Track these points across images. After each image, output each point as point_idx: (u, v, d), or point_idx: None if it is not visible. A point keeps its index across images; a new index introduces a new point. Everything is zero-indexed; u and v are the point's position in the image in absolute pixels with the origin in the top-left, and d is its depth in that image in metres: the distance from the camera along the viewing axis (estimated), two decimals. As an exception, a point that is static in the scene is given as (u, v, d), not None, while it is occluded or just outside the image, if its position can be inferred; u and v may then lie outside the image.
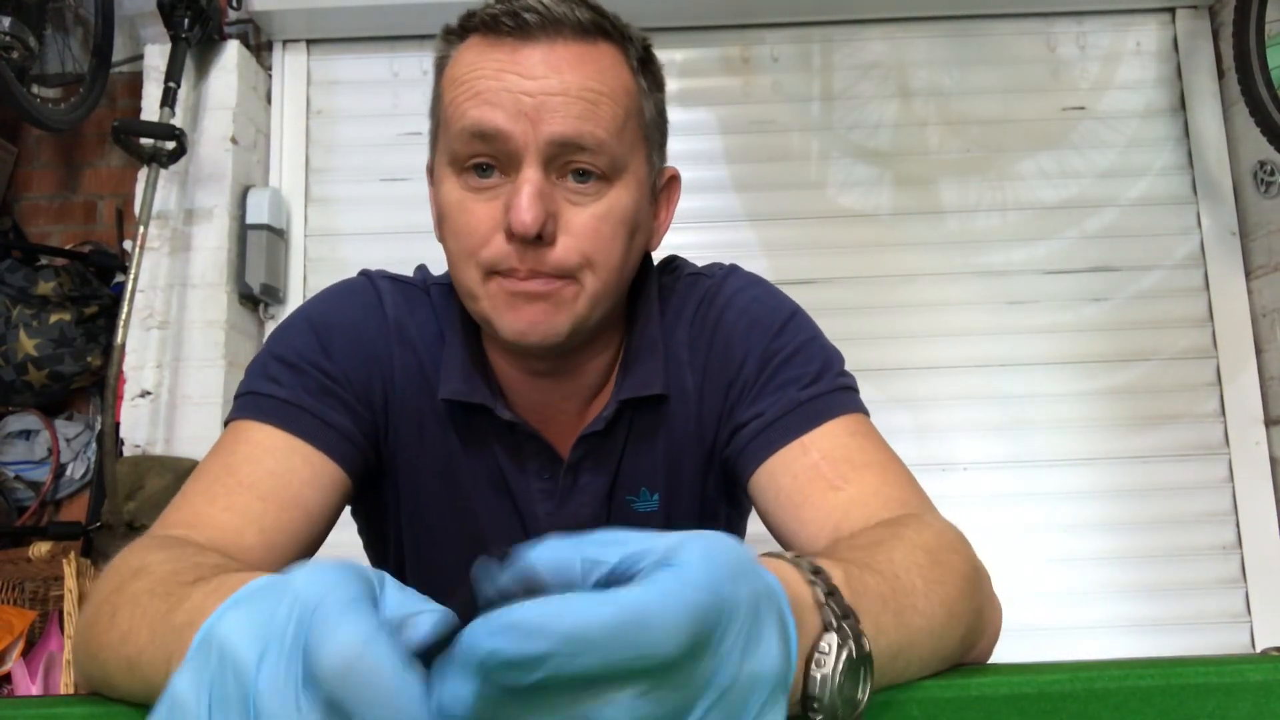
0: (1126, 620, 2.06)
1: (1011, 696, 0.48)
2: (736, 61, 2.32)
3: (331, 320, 0.73)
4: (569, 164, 0.63)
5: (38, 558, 1.86)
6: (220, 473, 0.64)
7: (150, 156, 1.88)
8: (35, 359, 2.08)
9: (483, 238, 0.63)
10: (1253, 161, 2.13)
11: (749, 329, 0.73)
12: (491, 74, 0.62)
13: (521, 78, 0.62)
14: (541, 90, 0.61)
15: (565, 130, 0.61)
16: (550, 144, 0.62)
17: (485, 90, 0.62)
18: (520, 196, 0.61)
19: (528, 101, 0.61)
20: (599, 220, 0.64)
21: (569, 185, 0.64)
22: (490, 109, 0.62)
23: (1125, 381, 2.15)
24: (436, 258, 0.74)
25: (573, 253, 0.63)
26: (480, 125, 0.62)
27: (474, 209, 0.64)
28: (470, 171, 0.64)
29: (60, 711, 0.50)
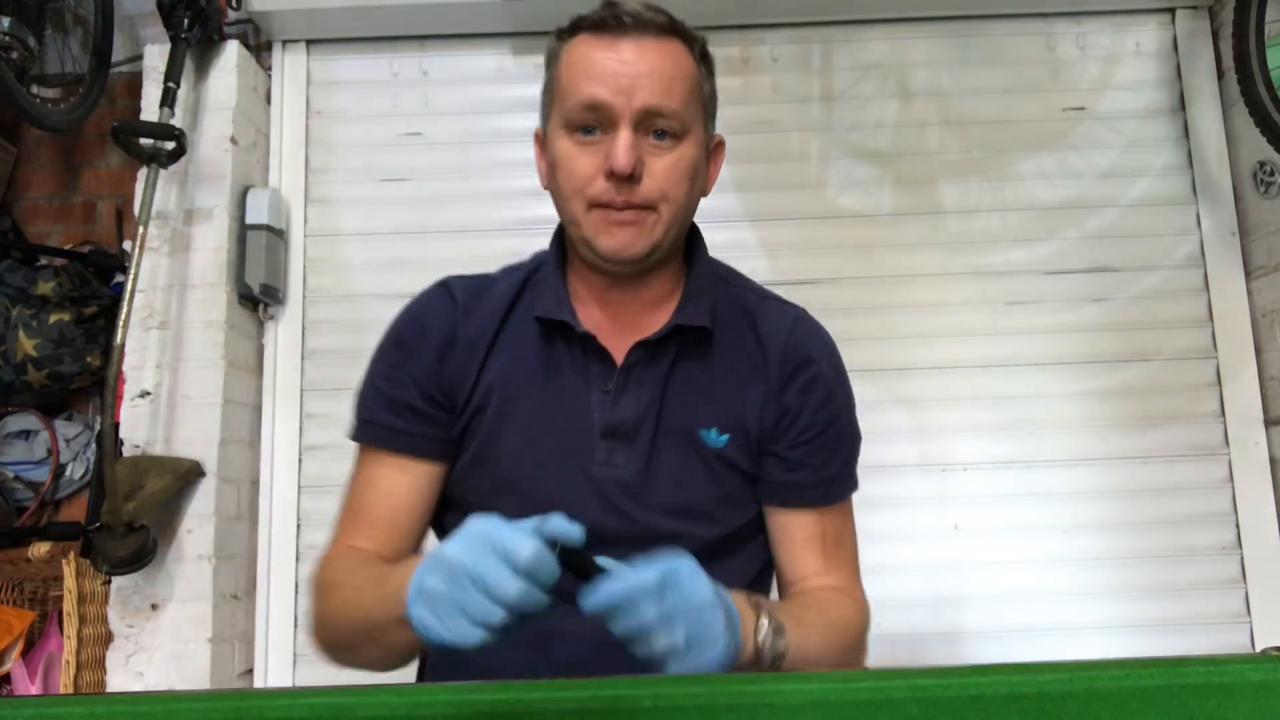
0: (1126, 620, 2.06)
1: (1011, 696, 0.48)
2: (736, 61, 2.32)
3: (405, 338, 0.97)
4: (651, 125, 0.85)
5: (37, 558, 1.86)
6: (352, 507, 0.95)
7: (150, 156, 1.88)
8: (35, 359, 2.08)
9: (588, 178, 0.86)
10: (1252, 162, 2.13)
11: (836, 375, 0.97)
12: (599, 60, 0.85)
13: (620, 62, 0.85)
14: (633, 72, 0.84)
15: (649, 101, 0.84)
16: (639, 111, 0.84)
17: (595, 72, 0.85)
18: (618, 146, 0.84)
19: (625, 81, 0.84)
20: (672, 166, 0.86)
21: (651, 141, 0.86)
22: (599, 85, 0.84)
23: (1125, 382, 2.15)
24: (434, 258, 0.77)
25: (654, 189, 0.86)
26: (592, 98, 0.85)
27: (581, 157, 0.86)
28: (579, 131, 0.86)
29: (60, 711, 0.50)
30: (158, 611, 1.89)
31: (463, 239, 2.24)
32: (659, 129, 0.86)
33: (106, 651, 1.88)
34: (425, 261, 2.23)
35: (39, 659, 1.88)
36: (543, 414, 0.92)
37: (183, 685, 1.88)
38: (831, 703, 0.49)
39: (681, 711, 0.50)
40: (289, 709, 0.50)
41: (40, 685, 1.84)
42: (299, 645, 2.09)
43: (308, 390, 2.19)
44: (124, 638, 1.88)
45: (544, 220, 1.26)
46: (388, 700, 0.50)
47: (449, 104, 2.31)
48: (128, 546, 1.75)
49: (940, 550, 2.09)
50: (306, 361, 2.20)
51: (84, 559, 1.83)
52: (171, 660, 1.87)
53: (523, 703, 0.50)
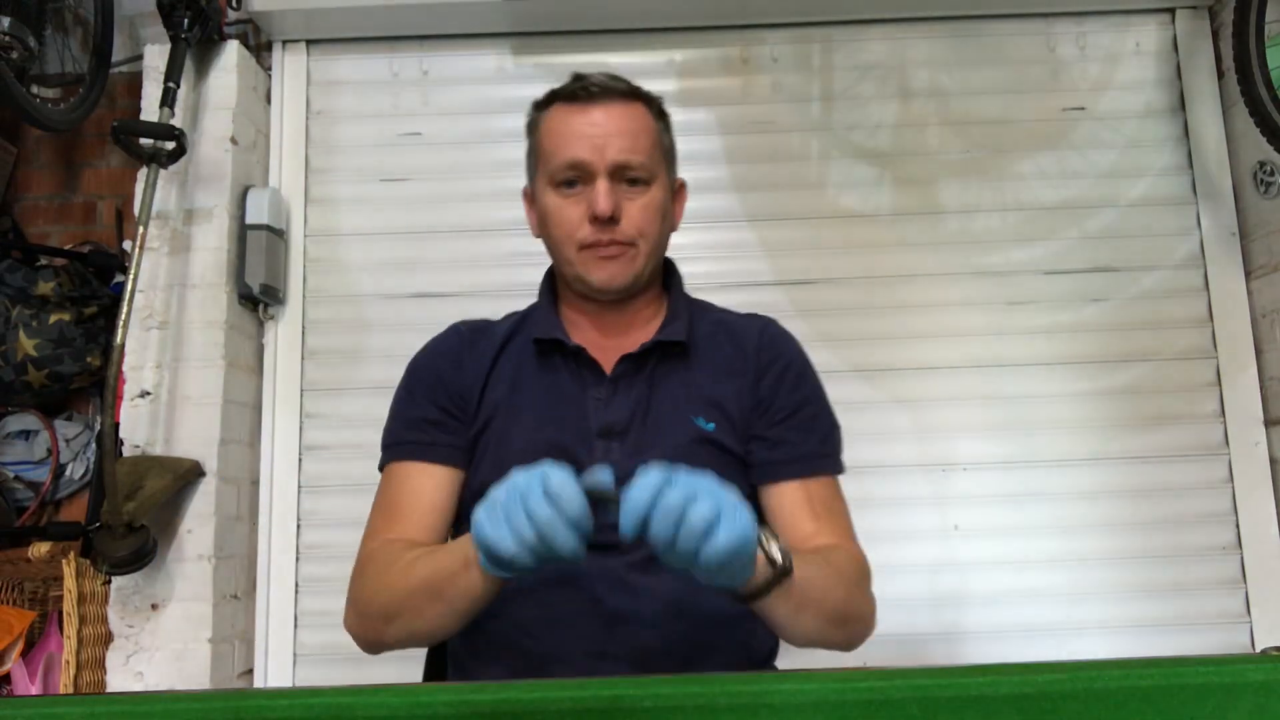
0: (1126, 620, 2.06)
1: (1011, 696, 0.49)
2: (736, 61, 2.32)
3: (419, 370, 1.10)
4: (624, 175, 1.01)
5: (37, 558, 1.86)
6: (383, 508, 1.04)
7: (150, 156, 1.88)
8: (35, 359, 2.08)
9: (576, 225, 1.02)
10: (1252, 162, 2.13)
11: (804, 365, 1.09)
12: (574, 125, 1.02)
13: (592, 125, 1.01)
14: (604, 132, 1.01)
15: (620, 156, 1.01)
16: (612, 164, 1.00)
17: (572, 135, 1.01)
18: (599, 195, 1.00)
19: (598, 140, 1.00)
20: (645, 207, 1.02)
21: (624, 188, 1.02)
22: (577, 146, 1.01)
23: (1125, 382, 2.15)
24: (434, 258, 0.78)
25: (632, 227, 1.02)
26: (572, 158, 1.01)
27: (568, 208, 1.02)
28: (563, 185, 1.03)
29: (60, 711, 0.50)
30: (158, 611, 1.89)
31: (463, 239, 2.23)
32: (630, 178, 1.01)
33: (106, 651, 1.88)
34: (425, 261, 2.23)
35: (39, 659, 1.88)
36: (545, 419, 1.03)
37: (183, 685, 1.88)
38: (831, 703, 0.49)
39: (681, 711, 0.50)
40: (289, 709, 0.50)
41: (40, 685, 1.84)
42: (299, 645, 2.09)
43: (308, 390, 2.19)
44: (124, 638, 1.88)
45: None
46: (388, 700, 0.50)
47: (449, 104, 2.31)
48: (128, 546, 1.75)
49: (940, 550, 2.09)
50: (306, 361, 2.20)
51: (84, 559, 1.83)
52: (171, 660, 1.87)
53: (523, 703, 0.50)
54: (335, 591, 2.09)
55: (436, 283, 2.22)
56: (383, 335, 2.20)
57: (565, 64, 2.33)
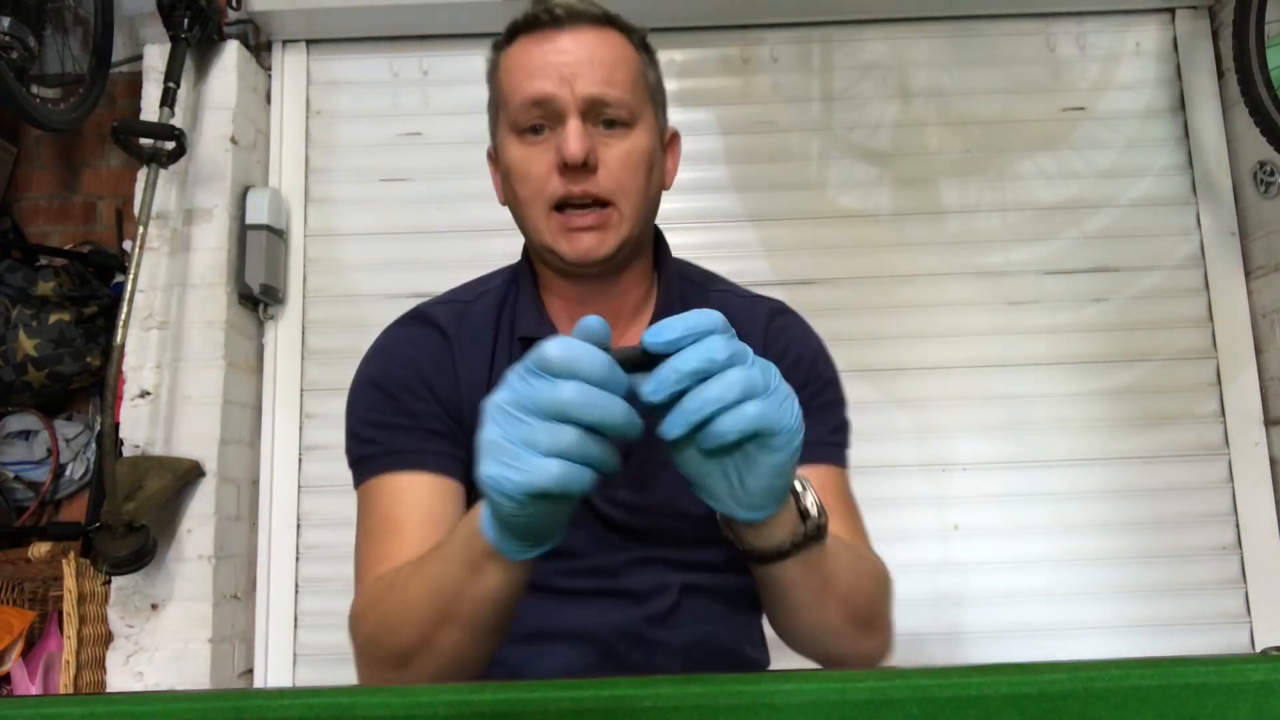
0: (1126, 620, 2.06)
1: (1011, 696, 0.49)
2: (736, 61, 2.32)
3: (397, 377, 0.89)
4: (600, 114, 0.83)
5: (37, 558, 1.86)
6: (380, 531, 0.84)
7: (150, 157, 1.88)
8: (35, 359, 2.08)
9: (543, 179, 0.83)
10: (1252, 162, 2.13)
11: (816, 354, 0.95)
12: (537, 56, 0.83)
13: (559, 54, 0.83)
14: (573, 61, 0.82)
15: (593, 89, 0.82)
16: (584, 99, 0.82)
17: (534, 68, 0.83)
18: (568, 136, 0.81)
19: (566, 70, 0.82)
20: (626, 154, 0.84)
21: (601, 131, 0.83)
22: (541, 80, 0.82)
23: (1125, 382, 2.15)
24: (434, 258, 0.77)
25: (610, 180, 0.83)
26: (535, 93, 0.82)
27: (533, 158, 0.84)
28: (528, 132, 0.84)
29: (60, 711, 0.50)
30: (158, 611, 1.89)
31: (463, 239, 2.24)
32: (608, 118, 0.83)
33: (106, 651, 1.88)
34: (425, 261, 2.23)
35: (39, 659, 1.88)
36: None
37: (183, 685, 1.88)
38: (831, 702, 0.49)
39: (681, 711, 0.50)
40: (289, 709, 0.50)
41: (40, 685, 1.84)
42: (299, 645, 2.09)
43: (308, 390, 2.19)
44: (124, 638, 1.88)
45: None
46: (388, 700, 0.50)
47: (449, 104, 2.31)
48: (128, 546, 1.75)
49: (940, 550, 2.09)
50: (306, 361, 2.20)
51: (84, 559, 1.83)
52: (171, 660, 1.87)
53: (523, 703, 0.50)
54: (335, 591, 2.10)
55: (436, 283, 2.19)
56: (383, 335, 2.20)
57: (565, 64, 2.34)
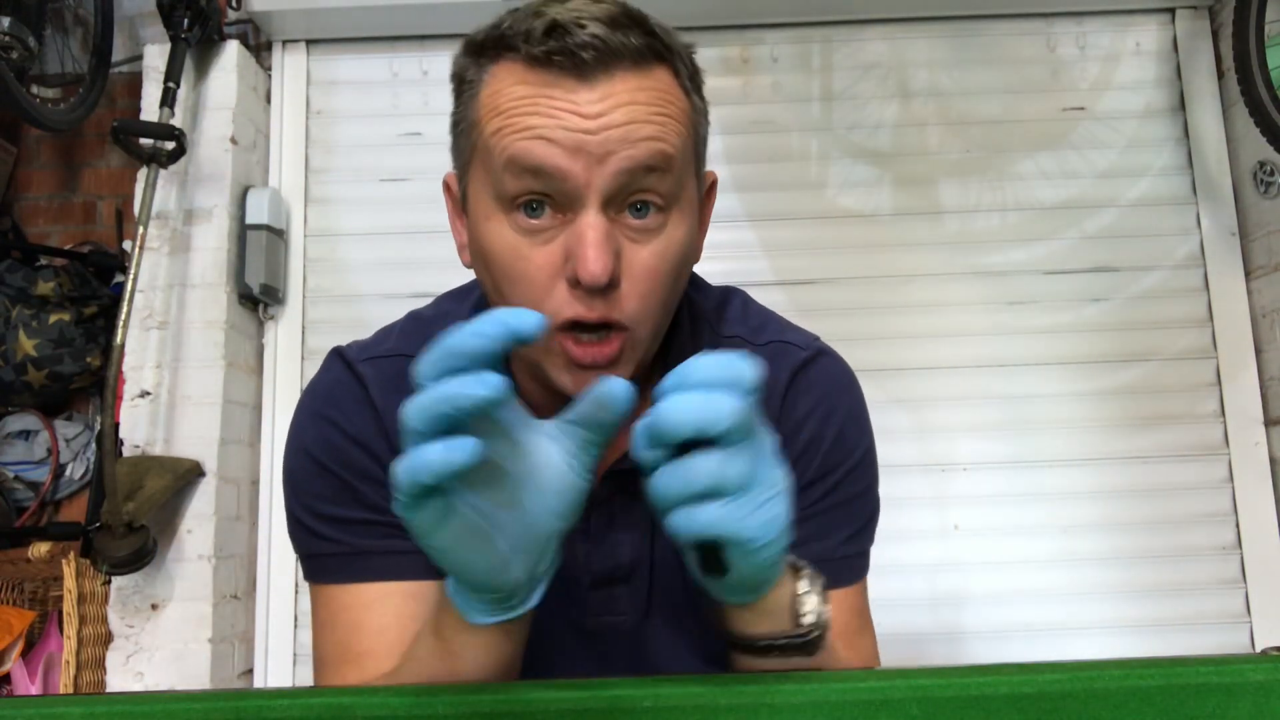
0: (1126, 620, 2.06)
1: (1011, 696, 0.49)
2: (736, 61, 2.32)
3: (335, 445, 0.70)
4: (630, 197, 0.60)
5: (37, 558, 1.86)
6: (340, 661, 0.67)
7: (150, 157, 1.88)
8: (35, 359, 2.08)
9: (543, 288, 0.60)
10: (1252, 162, 2.13)
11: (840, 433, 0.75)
12: (544, 109, 0.58)
13: (581, 117, 0.57)
14: (604, 127, 0.58)
15: (634, 161, 0.58)
16: (617, 178, 0.58)
17: (539, 126, 0.58)
18: (587, 247, 0.57)
19: (590, 140, 0.57)
20: (658, 259, 0.61)
21: (627, 222, 0.60)
22: (546, 146, 0.58)
23: (1125, 382, 2.15)
24: (435, 258, 0.74)
25: (634, 297, 0.61)
26: (537, 163, 0.58)
27: (530, 255, 0.60)
28: (520, 210, 0.60)
29: (60, 711, 0.50)
30: (158, 611, 1.89)
31: (463, 239, 2.23)
32: (640, 200, 0.60)
33: (106, 651, 1.88)
34: (425, 261, 2.23)
35: (39, 659, 1.88)
36: None
37: (183, 685, 1.88)
38: (831, 703, 0.49)
39: (681, 711, 0.50)
40: (289, 709, 0.50)
41: (40, 685, 1.84)
42: (299, 645, 2.09)
43: (308, 390, 2.19)
44: (124, 638, 1.88)
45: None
46: (387, 700, 0.50)
47: (449, 104, 2.30)
48: (128, 546, 1.75)
49: (940, 550, 2.09)
50: (306, 361, 2.20)
51: (84, 559, 1.83)
52: (171, 660, 1.87)
53: (523, 703, 0.50)
54: (335, 591, 2.10)
55: (436, 283, 2.19)
56: (383, 335, 2.20)
57: (565, 64, 2.33)
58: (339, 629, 0.68)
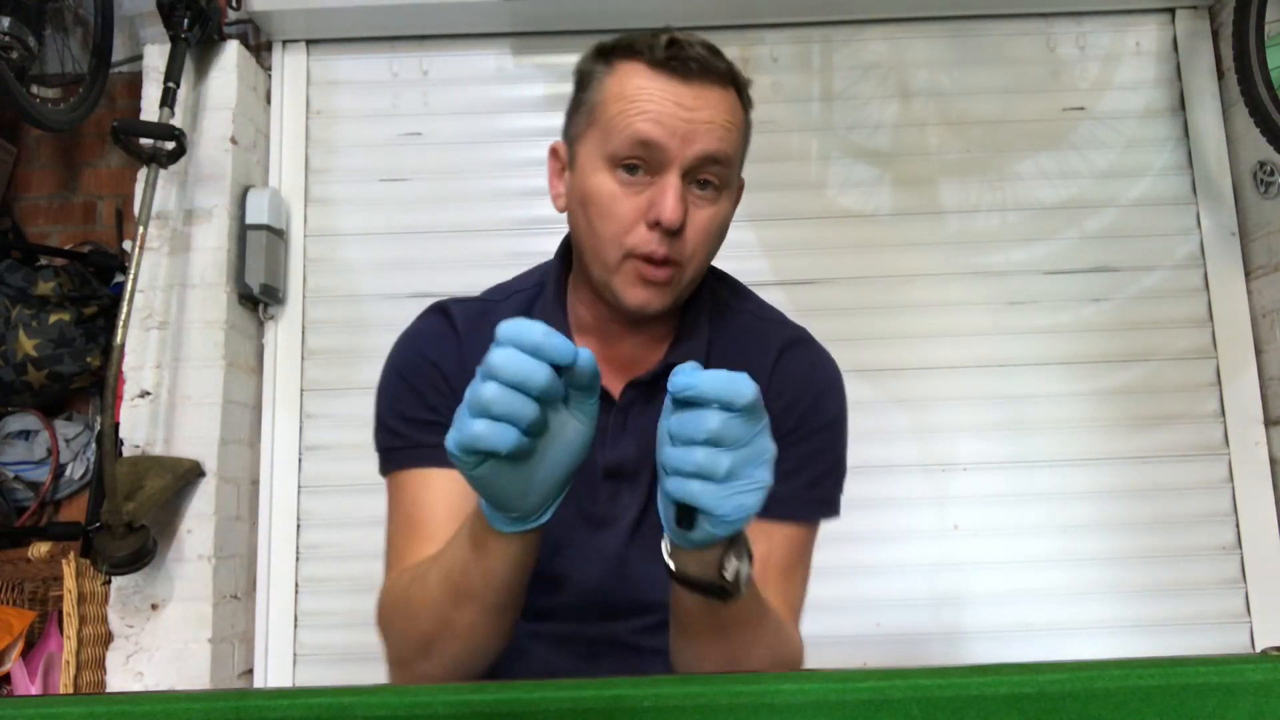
0: (1126, 620, 2.06)
1: (1011, 696, 0.49)
2: (736, 61, 2.31)
3: (415, 367, 0.92)
4: (700, 174, 0.82)
5: (37, 558, 1.86)
6: (406, 530, 0.87)
7: (150, 157, 1.88)
8: (35, 359, 2.08)
9: (628, 226, 0.82)
10: (1252, 162, 2.13)
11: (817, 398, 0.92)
12: (658, 99, 0.81)
13: (680, 107, 0.81)
14: (692, 119, 0.81)
15: (708, 149, 0.81)
16: (696, 158, 0.81)
17: (653, 111, 0.81)
18: (668, 196, 0.80)
19: (682, 126, 0.80)
20: (709, 220, 0.85)
21: (694, 192, 0.83)
22: (655, 125, 0.80)
23: (1125, 382, 2.15)
24: (434, 258, 0.76)
25: (690, 244, 0.83)
26: (646, 136, 0.80)
27: (623, 200, 0.82)
28: (622, 169, 0.82)
29: (60, 711, 0.50)
30: (158, 611, 1.89)
31: (463, 239, 2.24)
32: (706, 179, 0.83)
33: (106, 651, 1.88)
34: (425, 261, 2.23)
35: (39, 659, 1.88)
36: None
37: (183, 685, 1.88)
38: (831, 703, 0.49)
39: (681, 711, 0.50)
40: (289, 709, 0.50)
41: (40, 685, 1.84)
42: (299, 645, 2.09)
43: (308, 390, 2.19)
44: (124, 638, 1.88)
45: (544, 220, 1.27)
46: (387, 700, 0.50)
47: (449, 104, 2.31)
48: (128, 546, 1.75)
49: (940, 550, 2.09)
50: (306, 361, 2.20)
51: (84, 559, 1.83)
52: (171, 660, 1.87)
53: (523, 703, 0.50)
54: (335, 591, 2.10)
55: (436, 283, 2.22)
56: (383, 335, 2.19)
57: (565, 64, 2.33)
58: (404, 505, 0.88)
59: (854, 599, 2.04)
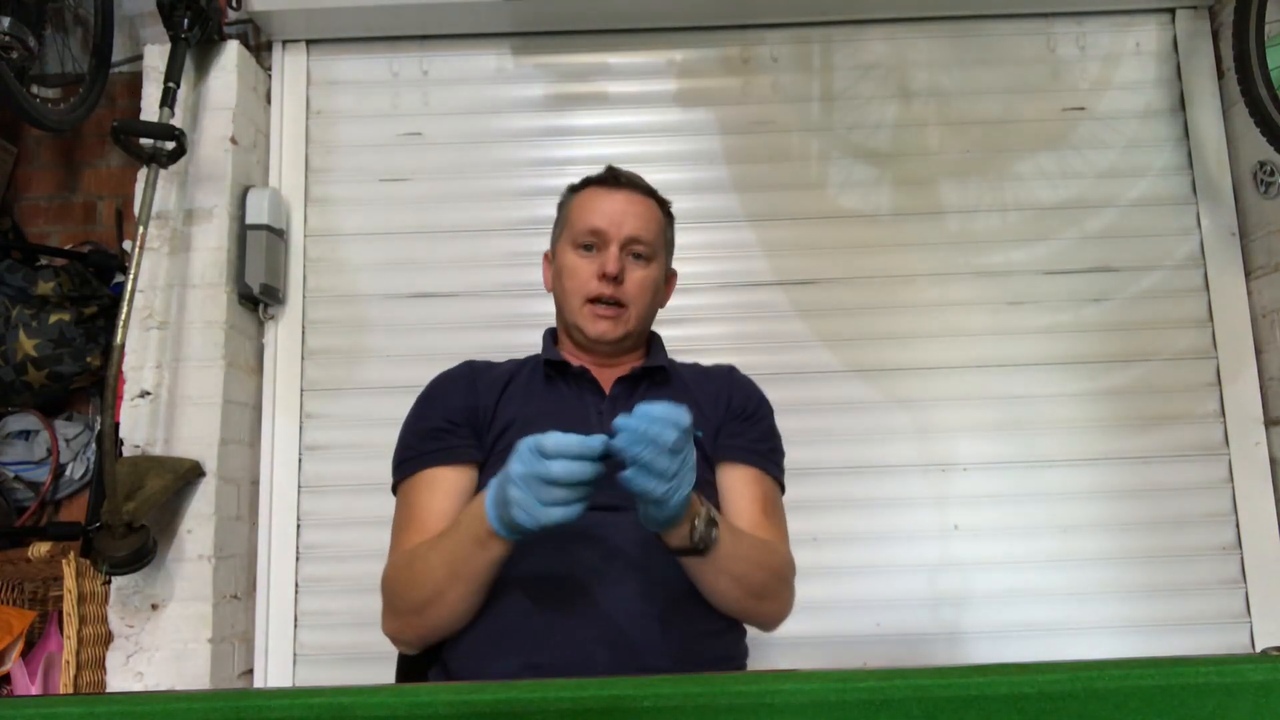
0: (1126, 620, 2.06)
1: (1011, 696, 0.49)
2: (736, 61, 2.32)
3: (431, 392, 1.23)
4: (631, 249, 1.22)
5: (37, 558, 1.86)
6: (409, 522, 1.13)
7: (150, 157, 1.88)
8: (35, 359, 2.08)
9: (586, 280, 1.22)
10: (1252, 162, 2.13)
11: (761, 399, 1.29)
12: (600, 202, 1.24)
13: (614, 204, 1.23)
14: (623, 211, 1.23)
15: (632, 232, 1.22)
16: (625, 237, 1.22)
17: (597, 209, 1.23)
18: (610, 257, 1.21)
19: (617, 216, 1.22)
20: (643, 278, 1.24)
21: (630, 260, 1.22)
22: (599, 217, 1.22)
23: (1125, 381, 2.15)
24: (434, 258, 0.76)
25: (630, 291, 1.22)
26: (595, 225, 1.22)
27: (583, 267, 1.23)
28: (582, 248, 1.23)
29: (60, 711, 0.51)
30: (158, 611, 1.89)
31: (463, 239, 2.24)
32: (636, 252, 1.22)
33: (106, 651, 1.88)
34: (425, 261, 2.23)
35: (39, 659, 1.88)
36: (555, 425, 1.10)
37: (183, 685, 1.88)
38: (831, 703, 0.49)
39: (681, 711, 0.50)
40: (289, 709, 0.50)
41: (40, 685, 1.84)
42: (299, 645, 2.09)
43: (308, 390, 2.19)
44: (124, 638, 1.88)
45: (544, 220, 1.28)
46: (387, 700, 0.50)
47: (449, 104, 2.31)
48: (128, 546, 1.75)
49: (940, 550, 2.09)
50: (306, 361, 2.20)
51: (84, 559, 1.83)
52: (171, 660, 1.87)
53: (523, 703, 0.50)
54: (335, 591, 2.10)
55: (436, 283, 2.22)
56: (383, 335, 2.21)
57: (565, 64, 2.34)
58: (408, 504, 1.14)
59: (854, 599, 2.04)
